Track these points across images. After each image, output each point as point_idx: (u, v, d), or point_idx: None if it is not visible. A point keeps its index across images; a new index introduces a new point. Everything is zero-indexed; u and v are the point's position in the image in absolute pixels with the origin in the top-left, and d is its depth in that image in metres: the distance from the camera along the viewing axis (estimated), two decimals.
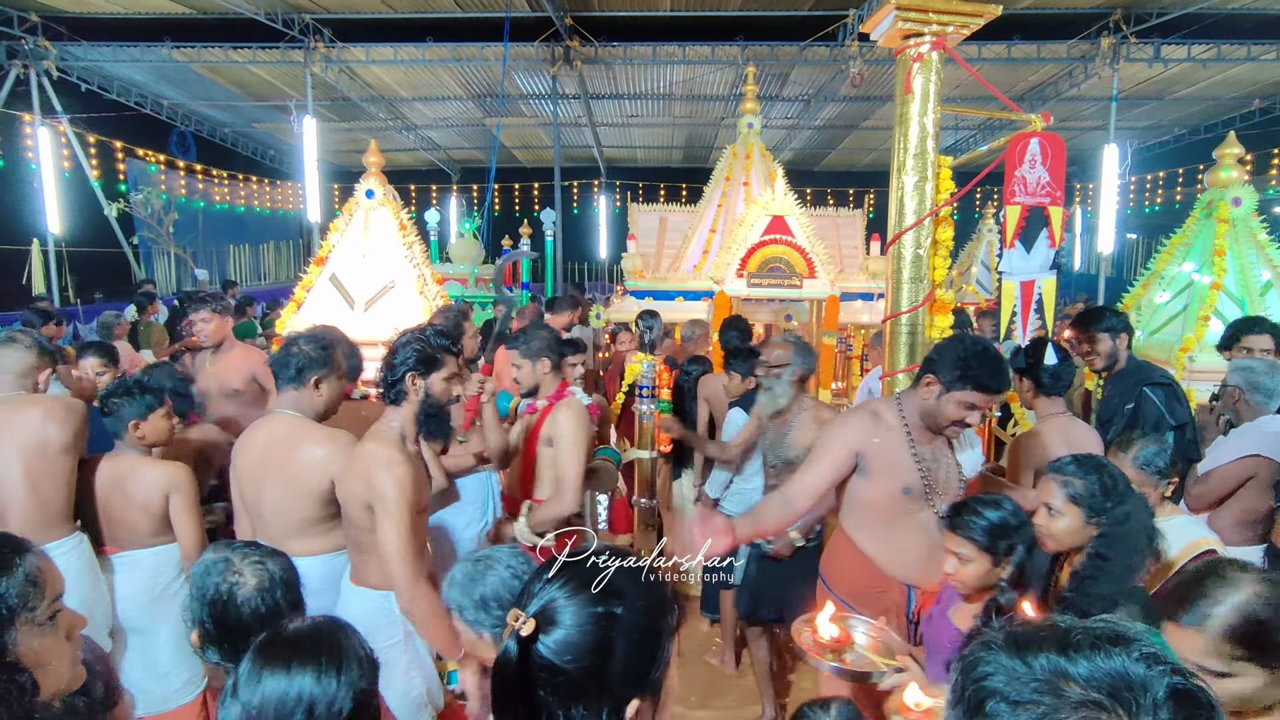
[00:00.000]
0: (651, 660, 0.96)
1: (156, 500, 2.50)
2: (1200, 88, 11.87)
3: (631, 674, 0.94)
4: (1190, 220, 4.90)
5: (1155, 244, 5.48)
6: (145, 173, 13.50)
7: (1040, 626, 0.74)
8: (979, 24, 2.58)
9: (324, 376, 2.44)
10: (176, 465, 2.61)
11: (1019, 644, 0.72)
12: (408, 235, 4.90)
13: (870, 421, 2.26)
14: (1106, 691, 0.66)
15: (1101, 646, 0.69)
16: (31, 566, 1.11)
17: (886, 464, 2.21)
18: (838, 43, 10.05)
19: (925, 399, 2.16)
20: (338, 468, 2.25)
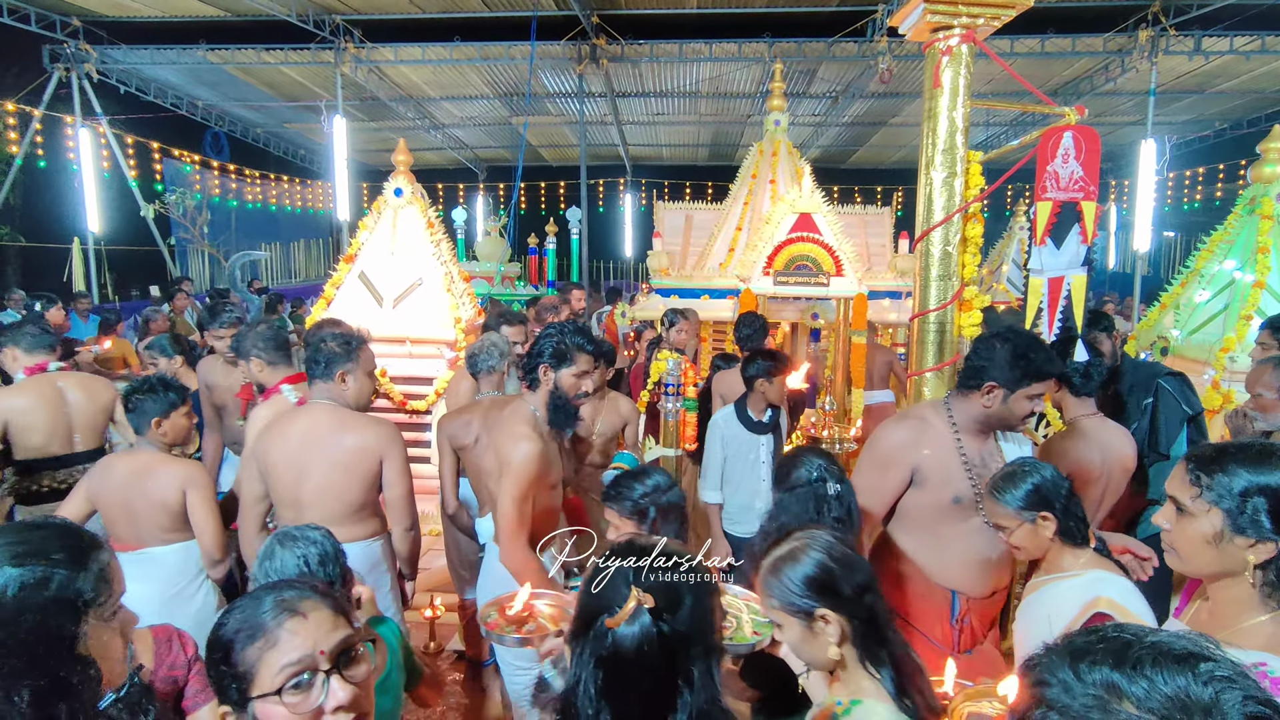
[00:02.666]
0: (717, 613, 1.13)
1: (175, 497, 2.55)
2: (1242, 81, 11.51)
3: (712, 627, 1.12)
4: (1232, 217, 4.76)
5: (1194, 242, 5.33)
6: (180, 173, 13.82)
7: (1104, 636, 0.70)
8: (1010, 16, 2.54)
9: (349, 370, 2.55)
10: (193, 463, 2.67)
11: (1077, 653, 0.69)
12: (435, 233, 4.95)
13: (919, 431, 2.20)
14: (1161, 713, 0.61)
15: (1164, 664, 0.64)
16: (104, 563, 1.13)
17: (938, 474, 2.17)
18: (866, 38, 9.93)
19: (989, 406, 2.11)
20: (385, 449, 2.41)
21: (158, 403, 2.59)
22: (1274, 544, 1.25)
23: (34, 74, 10.69)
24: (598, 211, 17.99)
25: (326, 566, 1.72)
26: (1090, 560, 1.82)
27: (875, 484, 2.21)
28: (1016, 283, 9.97)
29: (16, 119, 10.77)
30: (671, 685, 1.03)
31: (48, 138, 11.18)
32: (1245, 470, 1.27)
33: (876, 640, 1.33)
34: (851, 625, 1.32)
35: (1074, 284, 2.64)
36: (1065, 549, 1.83)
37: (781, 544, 1.41)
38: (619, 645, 1.03)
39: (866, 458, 2.26)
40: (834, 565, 1.34)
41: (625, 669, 1.02)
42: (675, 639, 1.04)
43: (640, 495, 2.04)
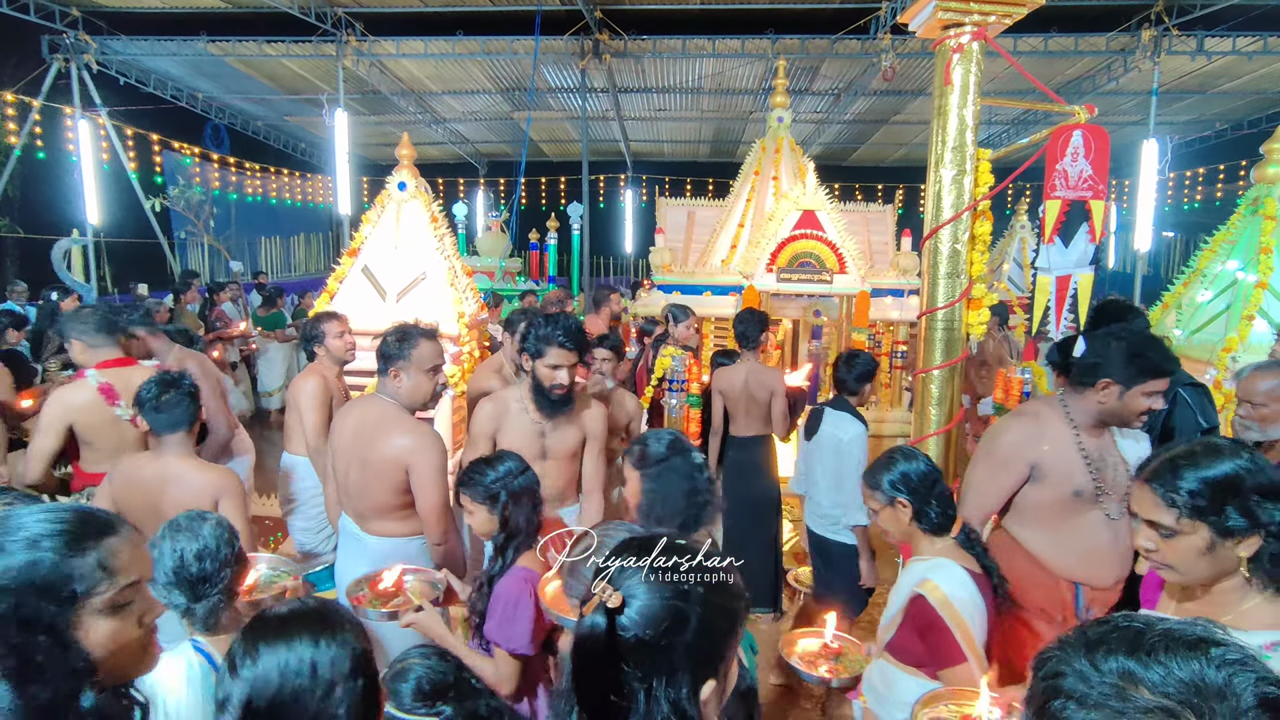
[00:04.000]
0: (723, 638, 1.00)
1: (206, 506, 2.47)
2: (1244, 81, 11.52)
3: (705, 651, 0.98)
4: (1235, 217, 4.77)
5: (1194, 242, 5.34)
6: (180, 165, 13.77)
7: (1116, 626, 0.72)
8: (1021, 14, 2.54)
9: (402, 368, 2.57)
10: (225, 470, 2.61)
11: (1091, 644, 0.70)
12: (439, 228, 4.93)
13: (1036, 428, 2.21)
14: (1177, 698, 0.63)
15: (1177, 650, 0.66)
16: (109, 550, 1.08)
17: (1058, 469, 2.18)
18: (869, 36, 9.92)
19: (1104, 402, 2.13)
20: (411, 459, 2.40)
21: (194, 406, 2.52)
22: (1259, 534, 1.30)
23: (33, 64, 10.64)
24: (599, 207, 17.97)
25: (204, 562, 1.68)
26: (945, 549, 1.93)
27: (991, 480, 2.24)
28: (1017, 281, 10.00)
29: (15, 110, 10.72)
30: (618, 693, 0.95)
31: (47, 129, 11.13)
32: (1208, 476, 1.32)
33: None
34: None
35: (1081, 282, 2.65)
36: (923, 535, 1.96)
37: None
38: (576, 638, 0.99)
39: (982, 455, 2.27)
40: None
41: (576, 660, 0.99)
42: (627, 646, 0.95)
43: (491, 480, 2.05)
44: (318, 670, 1.12)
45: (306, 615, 1.20)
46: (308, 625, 1.16)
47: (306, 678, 1.12)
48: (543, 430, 2.74)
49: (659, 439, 2.05)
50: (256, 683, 1.11)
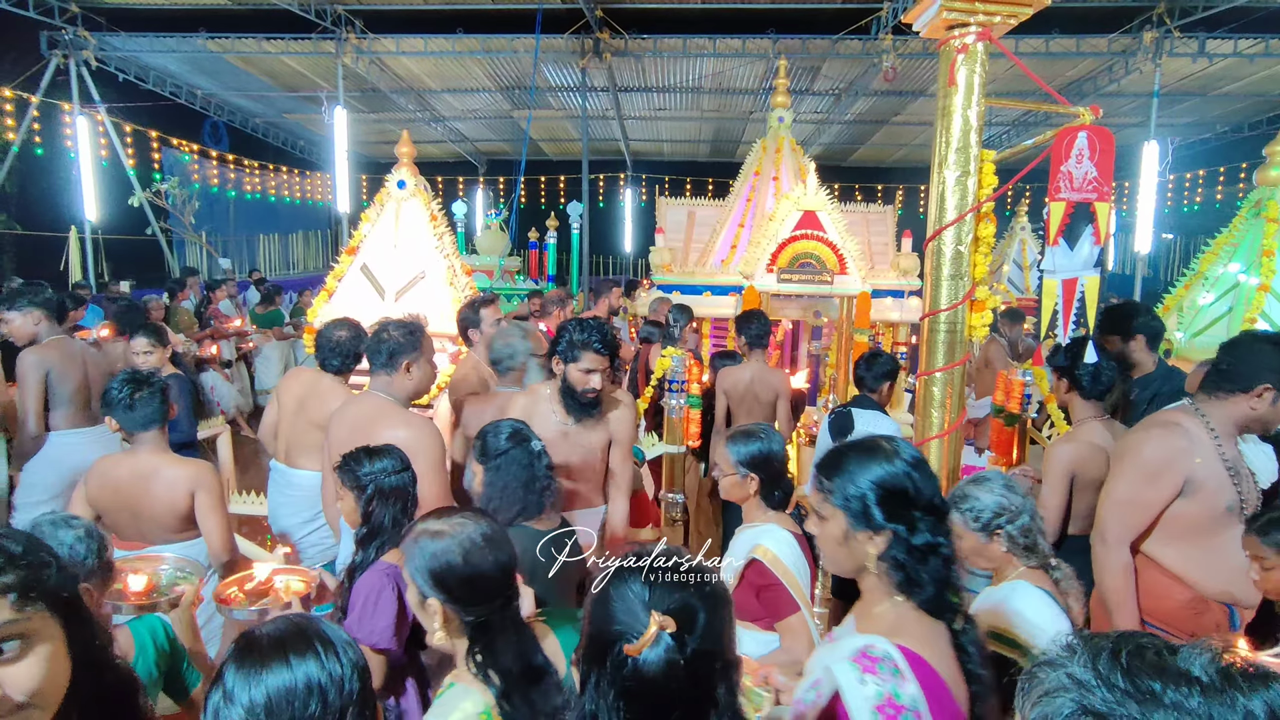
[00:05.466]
0: (731, 626, 1.08)
1: (183, 499, 2.51)
2: (1245, 83, 11.51)
3: (733, 639, 1.07)
4: (1237, 219, 4.76)
5: (1194, 244, 5.34)
6: (179, 162, 13.73)
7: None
8: (1026, 14, 2.51)
9: (414, 360, 2.62)
10: (201, 463, 2.63)
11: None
12: (439, 226, 4.91)
13: (1185, 439, 2.10)
14: None
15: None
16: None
17: (1211, 482, 2.07)
18: (870, 36, 9.91)
19: (1257, 409, 2.06)
20: (413, 452, 2.36)
21: (165, 403, 2.56)
22: (888, 533, 1.30)
23: (31, 60, 10.60)
24: (598, 206, 17.95)
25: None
26: (775, 518, 2.18)
27: (1141, 496, 2.09)
28: (1017, 282, 9.99)
29: (13, 106, 10.68)
30: (698, 710, 1.00)
31: (45, 125, 11.10)
32: (854, 468, 1.35)
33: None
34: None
35: (1087, 285, 2.62)
36: (762, 507, 2.20)
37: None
38: (642, 673, 0.97)
39: (1127, 468, 2.13)
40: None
41: (649, 698, 0.98)
42: (698, 660, 1.00)
43: (364, 472, 2.07)
44: (328, 695, 1.05)
45: (302, 631, 1.11)
46: (306, 642, 1.08)
47: (316, 703, 1.04)
48: (566, 431, 2.73)
49: (498, 431, 2.14)
50: (255, 712, 1.03)
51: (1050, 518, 2.62)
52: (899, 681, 1.19)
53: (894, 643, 1.23)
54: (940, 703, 1.21)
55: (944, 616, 1.30)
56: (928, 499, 1.32)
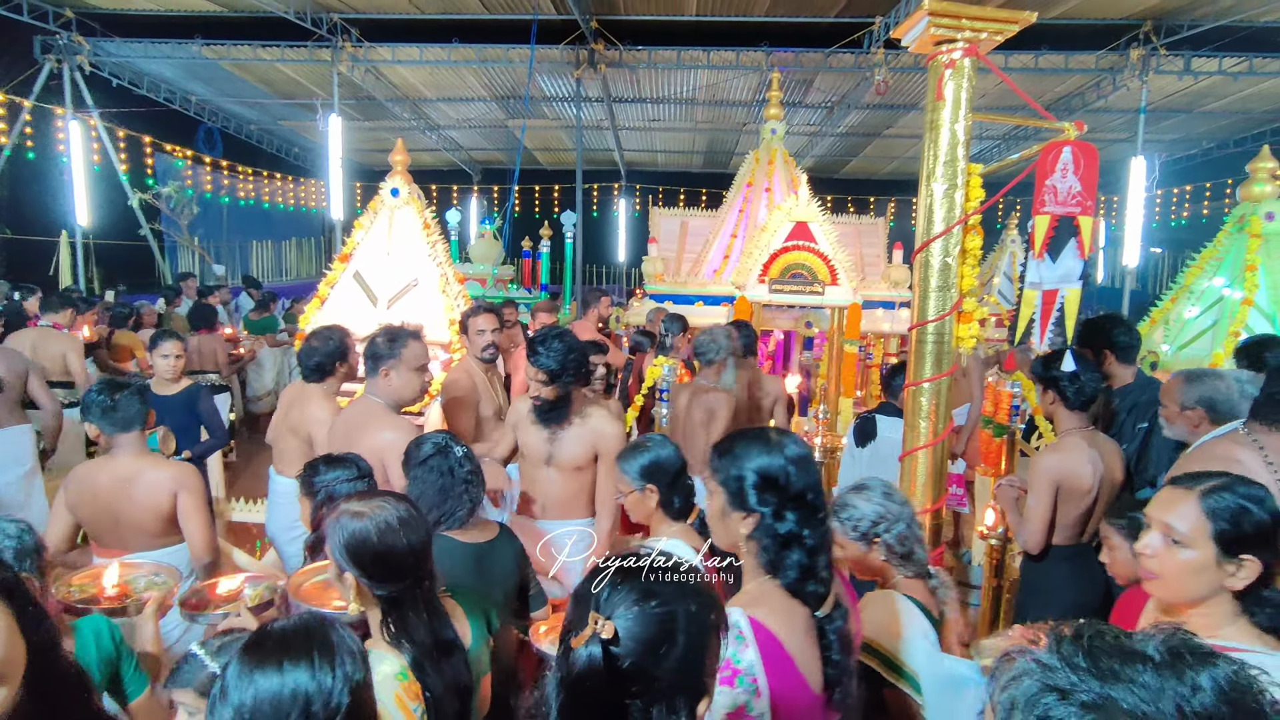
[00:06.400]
0: (710, 654, 1.02)
1: (166, 501, 2.51)
2: (1230, 101, 11.69)
3: (696, 668, 1.00)
4: (1221, 234, 4.83)
5: (1181, 259, 5.41)
6: (172, 168, 13.69)
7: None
8: (1013, 31, 2.56)
9: (392, 367, 2.71)
10: (183, 464, 2.64)
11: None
12: (432, 234, 4.93)
13: (1244, 473, 2.02)
14: None
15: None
16: None
17: None
18: (863, 50, 10.01)
19: None
20: (393, 457, 2.41)
21: (145, 407, 2.57)
22: (757, 515, 1.41)
23: (25, 65, 10.57)
24: (592, 216, 17.99)
25: None
26: (678, 530, 2.17)
27: None
28: (1007, 295, 10.07)
29: (6, 110, 10.65)
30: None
31: (37, 130, 11.06)
32: (740, 452, 1.45)
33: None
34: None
35: (1067, 297, 2.66)
36: (664, 519, 2.18)
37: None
38: (573, 666, 0.97)
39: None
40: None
41: (575, 693, 0.97)
42: (629, 675, 0.95)
43: (319, 479, 2.20)
44: (311, 708, 1.04)
45: (307, 637, 1.11)
46: (305, 650, 1.08)
47: (298, 714, 1.04)
48: (547, 437, 2.78)
49: (421, 442, 2.19)
50: (241, 712, 1.04)
51: (1036, 528, 2.64)
52: (740, 647, 1.29)
53: (746, 613, 1.33)
54: (780, 672, 1.30)
55: (807, 601, 1.39)
56: (799, 491, 1.40)
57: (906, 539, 1.91)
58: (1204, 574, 1.41)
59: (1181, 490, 1.47)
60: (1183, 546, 1.42)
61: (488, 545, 2.16)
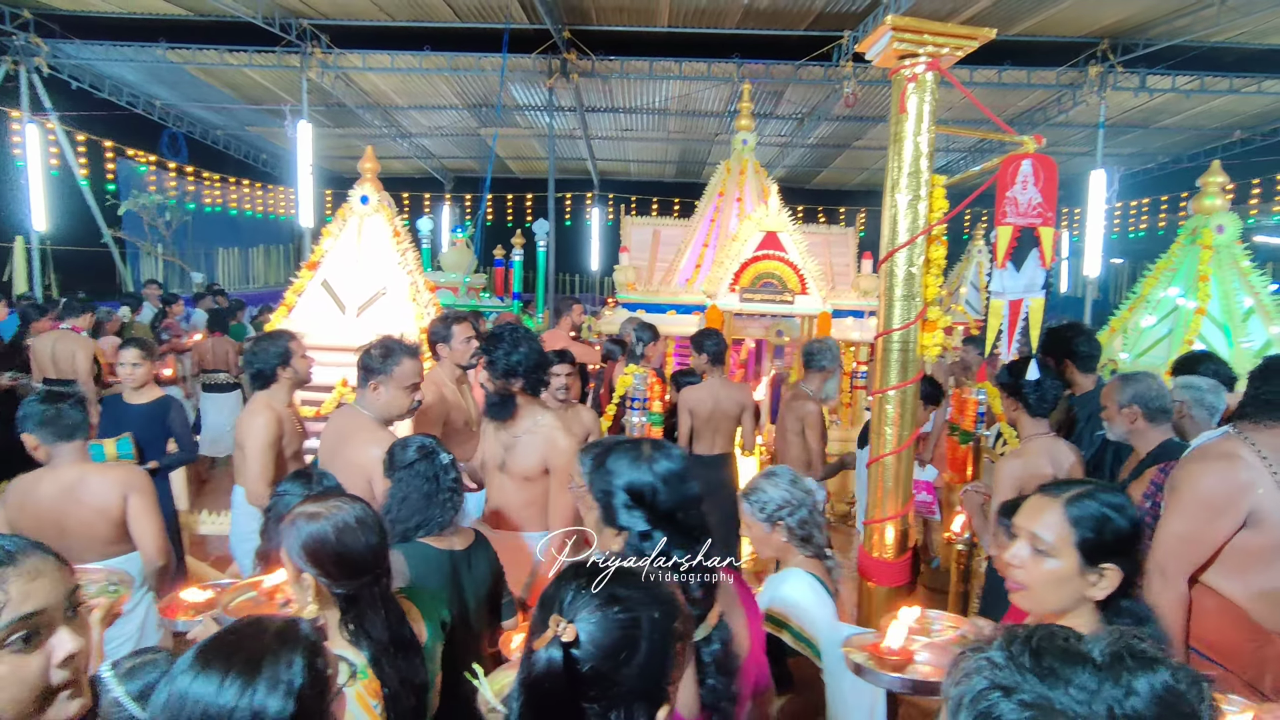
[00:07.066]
0: (673, 661, 1.01)
1: (115, 504, 2.46)
2: (1184, 117, 12.10)
3: (657, 675, 0.99)
4: (1175, 246, 4.98)
5: (1140, 269, 5.57)
6: (135, 173, 13.41)
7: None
8: (973, 47, 2.62)
9: (382, 382, 2.67)
10: (131, 467, 2.59)
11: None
12: (401, 242, 4.88)
13: (1245, 471, 2.04)
14: None
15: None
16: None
17: (1275, 513, 2.00)
18: (832, 63, 10.18)
19: None
20: (377, 472, 2.36)
21: (86, 415, 2.52)
22: (625, 535, 1.40)
23: None
24: (565, 225, 17.99)
25: None
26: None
27: (1203, 531, 2.02)
28: (974, 304, 10.25)
29: None
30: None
31: None
32: (608, 466, 1.46)
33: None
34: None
35: (1032, 306, 2.72)
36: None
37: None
38: (533, 667, 0.97)
39: (1186, 502, 2.06)
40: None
41: (532, 696, 0.97)
42: (588, 679, 0.94)
43: (275, 492, 2.22)
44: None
45: (257, 644, 1.07)
46: (247, 662, 1.05)
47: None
48: (504, 442, 2.76)
49: (406, 446, 2.15)
50: (171, 710, 1.01)
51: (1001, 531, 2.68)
52: None
53: None
54: None
55: None
56: (668, 510, 1.38)
57: (807, 523, 2.07)
58: (1067, 584, 1.39)
59: (1047, 498, 1.45)
60: (1048, 556, 1.40)
61: (464, 553, 2.15)
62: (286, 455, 3.07)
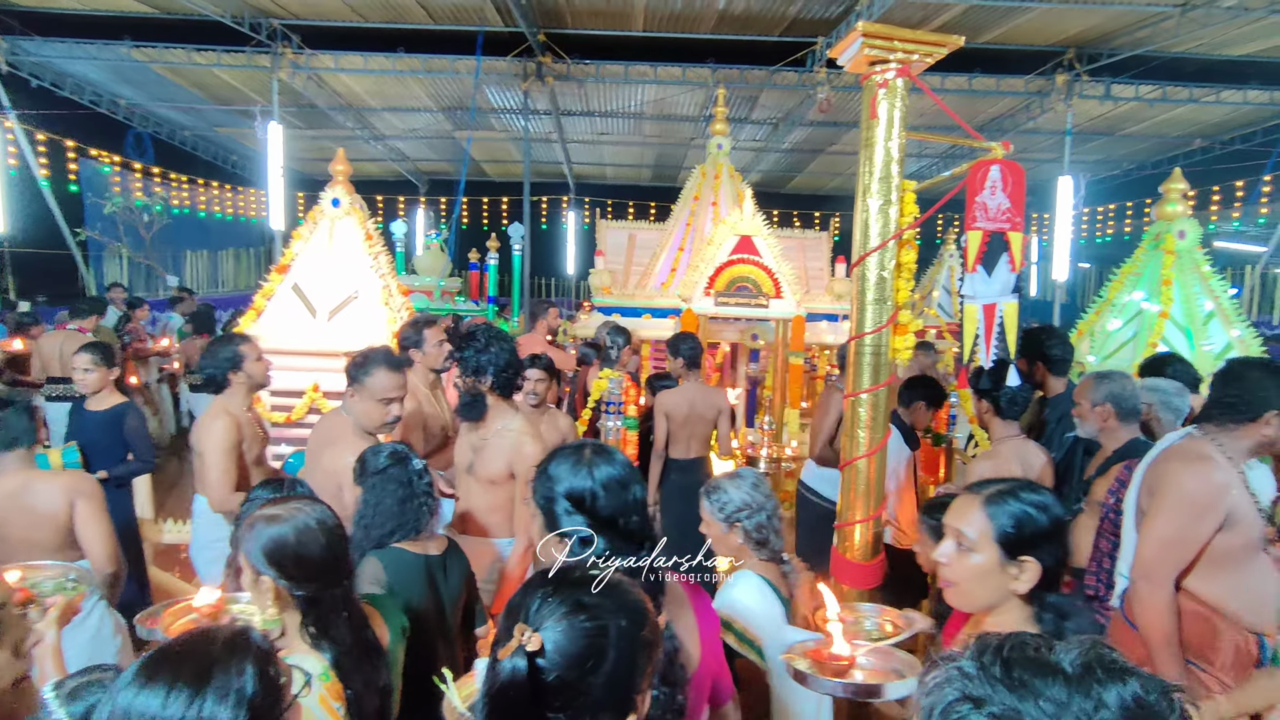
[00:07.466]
0: (640, 670, 0.99)
1: (62, 510, 2.41)
2: (1147, 126, 12.40)
3: (625, 684, 0.96)
4: (1139, 251, 5.08)
5: (1106, 273, 5.68)
6: (98, 174, 13.09)
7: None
8: (942, 54, 2.65)
9: (356, 390, 2.66)
10: (78, 473, 2.54)
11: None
12: (374, 245, 4.82)
13: (1220, 471, 2.07)
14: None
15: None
16: None
17: (1249, 513, 2.06)
18: (806, 69, 10.27)
19: (1269, 435, 2.08)
20: (348, 480, 2.34)
21: (32, 419, 2.46)
22: (568, 543, 1.40)
23: None
24: (540, 228, 17.92)
25: None
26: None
27: (1188, 532, 2.04)
28: (946, 307, 10.39)
29: None
30: None
31: None
32: (550, 472, 1.44)
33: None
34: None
35: (1006, 311, 2.75)
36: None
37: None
38: (497, 677, 0.94)
39: (1171, 504, 2.07)
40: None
41: (497, 706, 0.94)
42: (553, 689, 0.92)
43: (244, 502, 2.17)
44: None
45: (205, 654, 1.03)
46: (194, 674, 1.01)
47: None
48: (474, 446, 2.75)
49: (378, 452, 2.16)
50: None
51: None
52: None
53: None
54: None
55: None
56: (608, 516, 1.36)
57: (764, 528, 2.09)
58: (991, 578, 1.43)
59: (970, 496, 1.50)
60: (972, 551, 1.44)
61: (439, 558, 2.14)
62: (248, 460, 3.01)
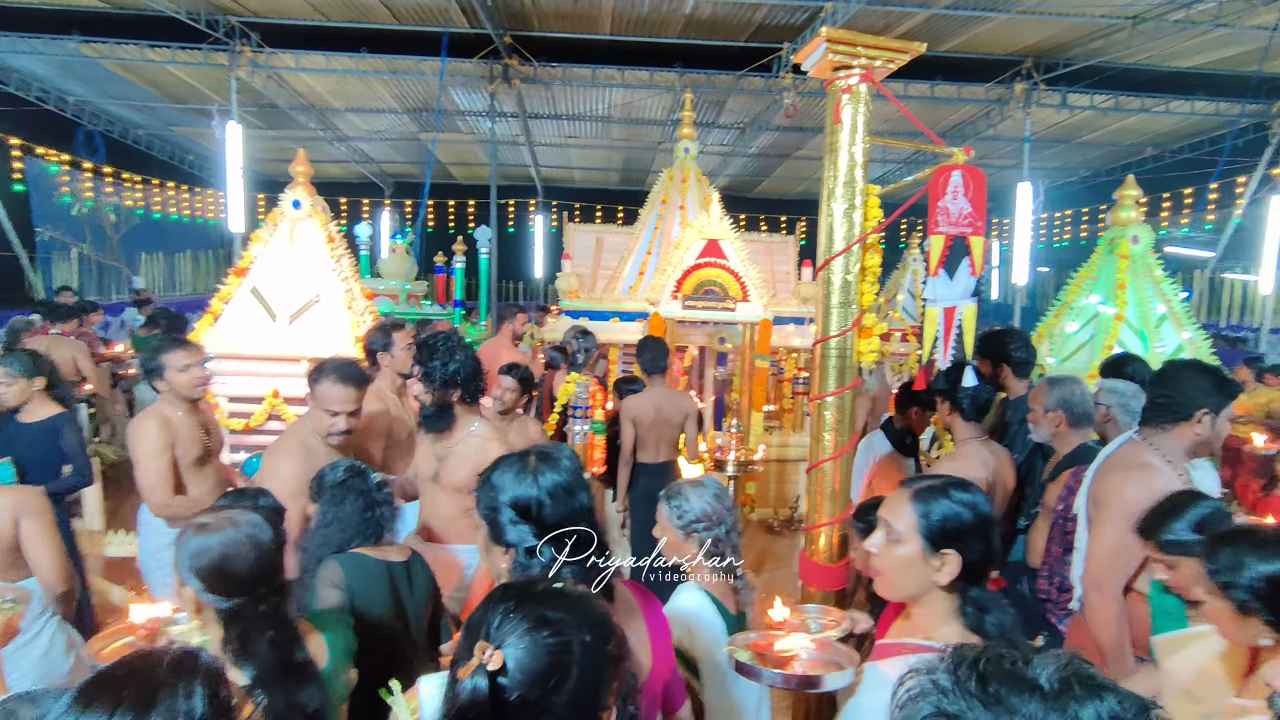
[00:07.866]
0: (605, 686, 0.96)
1: (6, 529, 2.30)
2: (1102, 134, 12.77)
3: (589, 701, 0.94)
4: (1095, 255, 5.22)
5: (1064, 277, 5.82)
6: (45, 173, 12.64)
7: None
8: (904, 60, 2.67)
9: (309, 397, 2.63)
10: (24, 488, 2.42)
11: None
12: (336, 248, 4.72)
13: (1159, 478, 2.11)
14: None
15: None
16: None
17: None
18: (772, 74, 10.35)
19: (1201, 434, 2.13)
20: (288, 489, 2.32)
21: None
22: (513, 552, 1.39)
23: None
24: (507, 231, 17.80)
25: None
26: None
27: (1131, 540, 2.05)
28: (910, 311, 10.55)
29: None
30: None
31: None
32: (494, 480, 1.44)
33: None
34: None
35: (965, 313, 2.78)
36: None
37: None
38: (457, 698, 0.92)
39: (1114, 515, 2.13)
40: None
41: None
42: (515, 709, 0.90)
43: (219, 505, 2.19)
44: None
45: (149, 678, 0.97)
46: (138, 698, 0.95)
47: None
48: (439, 454, 2.70)
49: (335, 468, 2.15)
50: None
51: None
52: None
53: None
54: None
55: None
56: (554, 525, 1.35)
57: (721, 542, 2.06)
58: (914, 568, 1.48)
59: (903, 490, 1.56)
60: (899, 543, 1.49)
61: (402, 565, 2.11)
62: (184, 463, 2.91)
